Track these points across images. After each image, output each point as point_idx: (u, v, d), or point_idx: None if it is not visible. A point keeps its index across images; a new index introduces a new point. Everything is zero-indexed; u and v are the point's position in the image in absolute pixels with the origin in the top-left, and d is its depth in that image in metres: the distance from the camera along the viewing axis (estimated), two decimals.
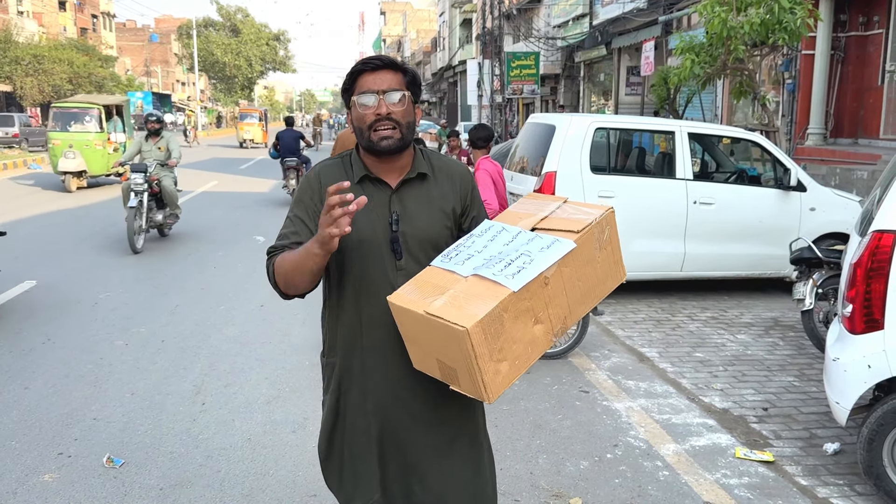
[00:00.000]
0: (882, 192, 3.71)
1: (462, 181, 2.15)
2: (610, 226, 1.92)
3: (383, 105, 1.95)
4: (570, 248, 1.80)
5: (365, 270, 2.01)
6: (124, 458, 3.83)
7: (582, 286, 1.87)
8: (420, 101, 2.10)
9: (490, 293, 1.72)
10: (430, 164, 2.13)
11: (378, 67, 1.98)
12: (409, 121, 2.01)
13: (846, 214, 7.35)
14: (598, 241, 1.89)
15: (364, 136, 1.99)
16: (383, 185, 2.04)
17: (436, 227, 2.06)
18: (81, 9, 56.65)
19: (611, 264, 1.95)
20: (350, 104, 2.03)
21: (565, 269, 1.80)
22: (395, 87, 1.98)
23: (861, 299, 3.49)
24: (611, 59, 21.60)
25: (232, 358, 5.38)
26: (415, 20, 69.65)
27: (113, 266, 8.43)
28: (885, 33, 11.69)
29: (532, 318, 1.78)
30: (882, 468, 3.50)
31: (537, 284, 1.76)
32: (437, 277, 1.85)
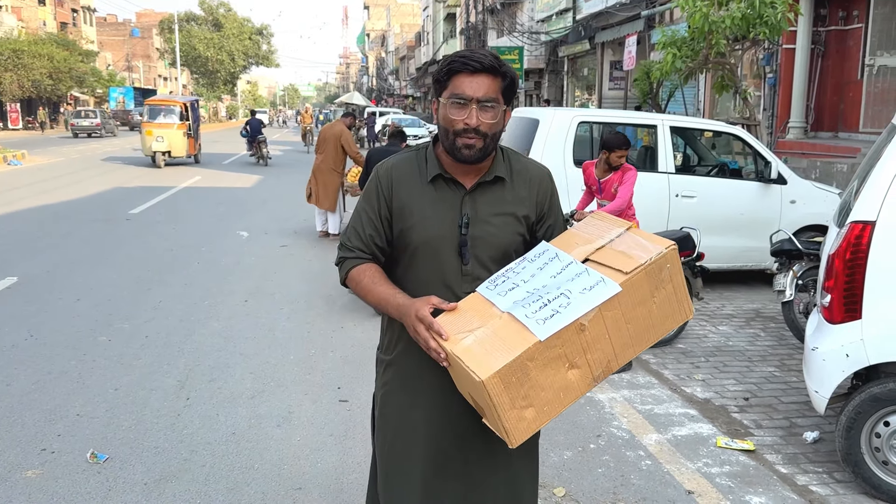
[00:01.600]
0: (860, 183, 3.76)
1: (541, 186, 2.05)
2: (671, 264, 1.79)
3: (474, 116, 1.86)
4: (612, 292, 1.70)
5: (429, 272, 1.97)
6: (108, 453, 3.82)
7: (632, 329, 1.77)
8: (509, 105, 1.99)
9: (516, 340, 1.66)
10: (510, 167, 2.04)
11: (477, 71, 1.87)
12: (497, 131, 1.93)
13: (826, 207, 7.43)
14: (655, 280, 1.77)
15: (447, 139, 1.92)
16: (457, 186, 1.97)
17: (507, 233, 1.99)
18: (61, 3, 56.04)
19: (672, 304, 1.83)
20: (439, 100, 1.95)
21: (608, 313, 1.71)
22: (492, 95, 1.88)
23: (839, 289, 3.54)
24: (594, 53, 21.68)
25: (216, 353, 5.37)
26: (398, 14, 69.51)
27: (96, 262, 8.37)
28: (864, 28, 11.81)
29: (565, 364, 1.70)
30: (860, 455, 3.56)
31: (571, 331, 1.68)
32: (475, 308, 1.80)
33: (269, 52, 66.57)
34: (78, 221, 11.16)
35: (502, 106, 1.92)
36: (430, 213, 1.94)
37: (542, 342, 1.64)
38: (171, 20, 59.89)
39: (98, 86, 51.12)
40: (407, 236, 1.97)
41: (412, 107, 55.33)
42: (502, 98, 1.91)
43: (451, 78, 1.89)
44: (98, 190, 15.25)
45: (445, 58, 1.96)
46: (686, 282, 5.92)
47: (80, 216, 11.70)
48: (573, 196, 6.99)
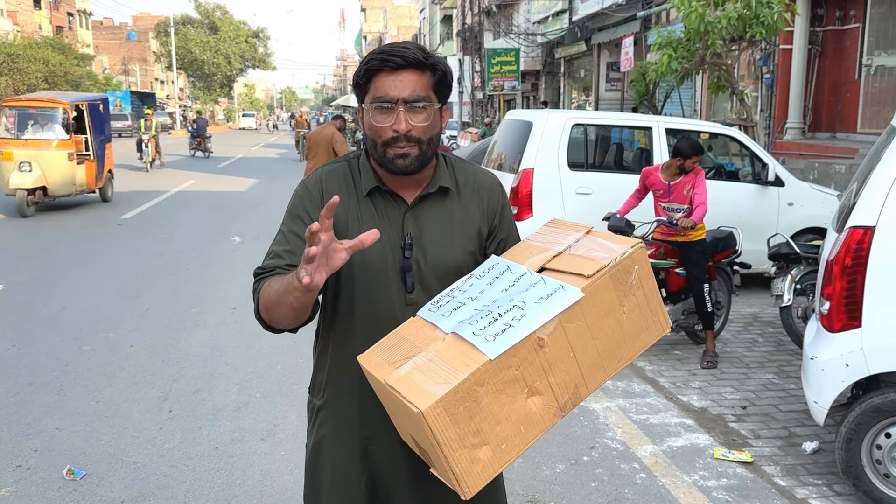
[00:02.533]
0: (859, 186, 3.66)
1: (490, 196, 1.80)
2: (640, 265, 1.53)
3: (403, 119, 1.60)
4: (573, 299, 1.43)
5: (367, 303, 1.69)
6: (86, 469, 3.70)
7: (600, 345, 1.50)
8: (445, 103, 1.71)
9: (463, 361, 1.38)
10: (454, 177, 1.78)
11: (400, 67, 1.61)
12: (433, 135, 1.66)
13: (824, 209, 7.32)
14: (623, 285, 1.50)
15: (377, 151, 1.65)
16: (397, 200, 1.71)
17: (457, 253, 1.73)
18: (57, 7, 55.93)
19: (645, 314, 1.55)
20: (362, 106, 1.68)
21: (571, 326, 1.45)
22: (420, 93, 1.61)
23: (838, 297, 3.43)
24: (590, 54, 21.57)
25: (202, 363, 5.25)
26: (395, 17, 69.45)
27: (84, 268, 8.25)
28: (861, 27, 11.71)
29: (524, 389, 1.42)
30: (861, 468, 3.45)
31: (529, 348, 1.41)
32: (415, 333, 1.54)
33: (265, 54, 66.45)
34: (68, 227, 11.04)
35: (436, 104, 1.65)
36: (368, 230, 1.61)
37: (494, 361, 1.37)
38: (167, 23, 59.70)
39: (94, 89, 50.95)
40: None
41: None
42: (434, 95, 1.65)
43: (372, 79, 1.63)
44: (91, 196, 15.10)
45: (363, 59, 1.68)
46: (726, 276, 5.89)
47: (71, 221, 11.58)
48: (568, 200, 6.89)
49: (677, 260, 5.47)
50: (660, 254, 5.42)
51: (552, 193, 6.90)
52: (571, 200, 6.89)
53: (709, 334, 5.50)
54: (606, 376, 1.53)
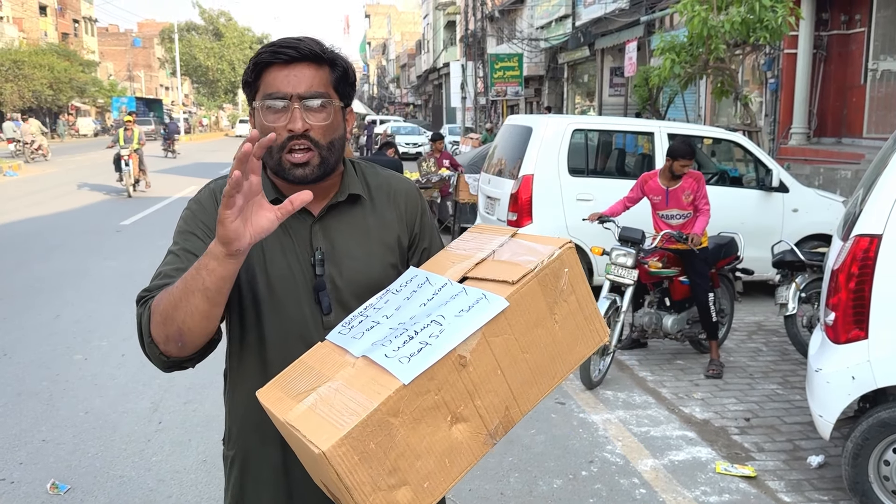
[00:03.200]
0: (865, 193, 3.55)
1: (408, 201, 1.62)
2: (570, 268, 1.36)
3: (298, 118, 1.41)
4: (497, 308, 1.26)
5: (277, 330, 1.48)
6: (71, 483, 3.61)
7: (531, 360, 1.33)
8: (348, 104, 1.53)
9: (372, 389, 1.20)
10: (366, 183, 1.60)
11: (293, 60, 1.42)
12: (335, 138, 1.47)
13: (830, 215, 7.21)
14: (552, 291, 1.34)
15: (272, 159, 1.44)
16: (302, 213, 1.49)
17: (376, 266, 1.54)
18: (63, 14, 56.14)
19: (579, 322, 1.39)
20: (252, 107, 1.47)
21: (497, 340, 1.27)
22: (318, 89, 1.43)
23: (844, 307, 3.32)
24: (594, 59, 21.50)
25: (193, 373, 5.08)
26: (399, 23, 69.54)
27: (80, 275, 8.17)
28: (867, 31, 11.60)
29: (447, 416, 1.24)
30: (868, 484, 3.33)
31: (448, 368, 1.22)
32: (322, 360, 1.34)
33: None
34: (67, 233, 10.97)
35: (337, 102, 1.46)
36: (273, 250, 1.47)
37: (408, 386, 1.18)
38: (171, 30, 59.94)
39: (99, 96, 51.13)
40: (244, 282, 1.47)
41: (413, 114, 55.27)
42: (335, 93, 1.46)
43: (262, 75, 1.44)
44: (91, 201, 15.08)
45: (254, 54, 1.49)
46: (729, 283, 5.77)
47: (71, 228, 11.51)
48: (568, 206, 6.79)
49: (680, 268, 5.36)
50: (664, 262, 5.31)
51: (552, 199, 6.80)
52: (572, 206, 6.78)
53: (713, 344, 5.38)
54: (541, 394, 1.36)
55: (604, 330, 1.43)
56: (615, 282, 5.18)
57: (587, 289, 1.40)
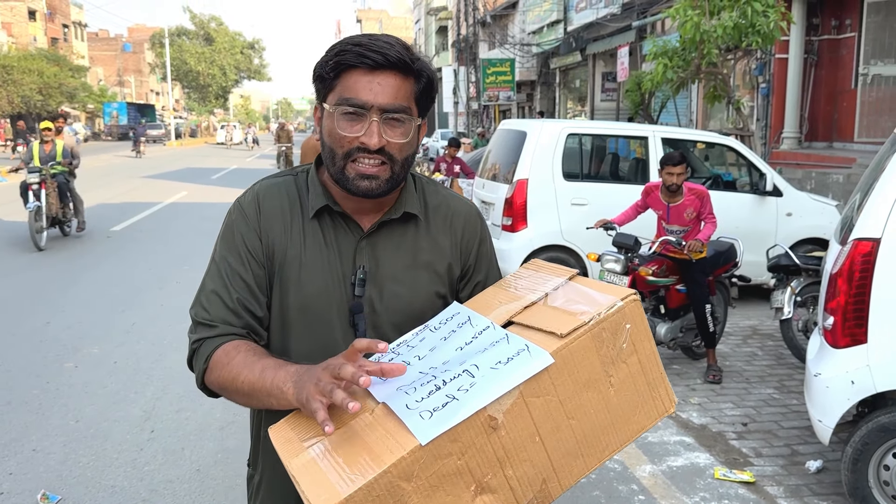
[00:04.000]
0: (862, 197, 3.54)
1: (466, 227, 1.49)
2: (633, 324, 1.19)
3: (375, 132, 1.29)
4: (540, 365, 1.10)
5: (305, 352, 1.37)
6: (61, 493, 3.55)
7: (578, 427, 1.16)
8: (424, 117, 1.40)
9: (385, 445, 1.05)
10: (424, 201, 1.47)
11: (378, 67, 1.29)
12: (409, 154, 1.36)
13: (823, 219, 7.23)
14: (610, 349, 1.17)
15: (335, 164, 1.34)
16: (350, 226, 1.40)
17: (421, 294, 1.41)
18: (52, 19, 55.89)
19: (639, 387, 1.21)
20: (322, 105, 1.36)
21: (537, 401, 1.11)
22: (401, 101, 1.30)
23: (843, 311, 3.31)
24: (586, 64, 21.55)
25: (186, 380, 5.10)
26: (391, 27, 69.58)
27: (71, 281, 8.10)
28: (858, 36, 11.66)
29: (471, 485, 1.08)
30: (868, 489, 3.31)
31: (476, 430, 1.06)
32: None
33: (261, 65, 66.52)
34: (57, 238, 10.87)
35: (416, 119, 1.35)
36: (313, 264, 1.36)
37: (426, 447, 1.02)
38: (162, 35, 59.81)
39: (89, 101, 50.92)
40: (278, 297, 1.39)
41: None
42: (416, 107, 1.35)
43: (341, 76, 1.31)
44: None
45: (331, 47, 1.35)
46: (725, 289, 5.72)
47: (59, 234, 11.40)
48: (563, 212, 6.77)
49: (678, 277, 5.32)
50: (661, 271, 5.26)
51: (547, 204, 6.78)
52: (566, 211, 6.77)
53: (710, 351, 5.36)
54: (587, 469, 1.18)
55: (670, 399, 1.27)
56: None
57: (652, 349, 1.23)
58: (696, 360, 5.67)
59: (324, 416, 1.06)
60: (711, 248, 5.50)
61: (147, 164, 27.66)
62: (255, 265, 1.38)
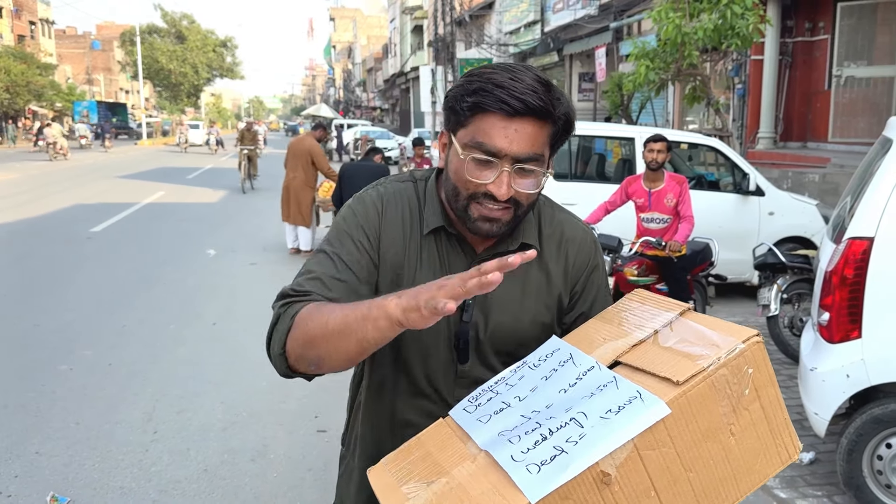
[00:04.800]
0: (854, 200, 3.67)
1: (579, 255, 1.44)
2: (756, 368, 1.12)
3: (505, 183, 1.25)
4: (656, 416, 1.04)
5: (410, 369, 1.39)
6: (70, 495, 3.55)
7: (697, 479, 1.09)
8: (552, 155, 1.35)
9: (492, 502, 1.02)
10: (539, 229, 1.42)
11: (518, 114, 1.23)
12: (534, 198, 1.32)
13: (804, 218, 7.42)
14: (731, 396, 1.10)
15: (458, 202, 1.31)
16: (464, 248, 1.38)
17: (526, 324, 1.39)
18: (18, 15, 54.89)
19: (762, 434, 1.14)
20: (451, 136, 1.32)
21: (652, 454, 1.05)
22: (537, 151, 1.26)
23: (838, 307, 3.43)
24: (562, 65, 21.74)
25: (184, 381, 5.11)
26: (365, 26, 69.42)
27: (55, 283, 8.02)
28: (831, 38, 11.94)
29: None
30: (862, 479, 3.44)
31: (588, 486, 1.01)
32: (441, 444, 1.17)
33: (233, 64, 65.95)
34: (36, 241, 10.74)
35: (547, 168, 1.31)
36: (423, 280, 1.28)
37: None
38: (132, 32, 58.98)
39: (57, 99, 50.09)
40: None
41: (380, 119, 55.19)
42: (549, 151, 1.30)
43: (476, 116, 1.26)
44: (58, 207, 14.77)
45: (469, 77, 1.30)
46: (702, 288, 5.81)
47: (39, 235, 11.27)
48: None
49: (658, 276, 5.43)
50: (642, 270, 5.37)
51: None
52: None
53: None
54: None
55: (794, 446, 1.19)
56: None
57: (776, 394, 1.16)
58: None
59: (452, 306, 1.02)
60: (689, 248, 5.63)
61: (119, 163, 27.30)
62: (367, 260, 1.35)
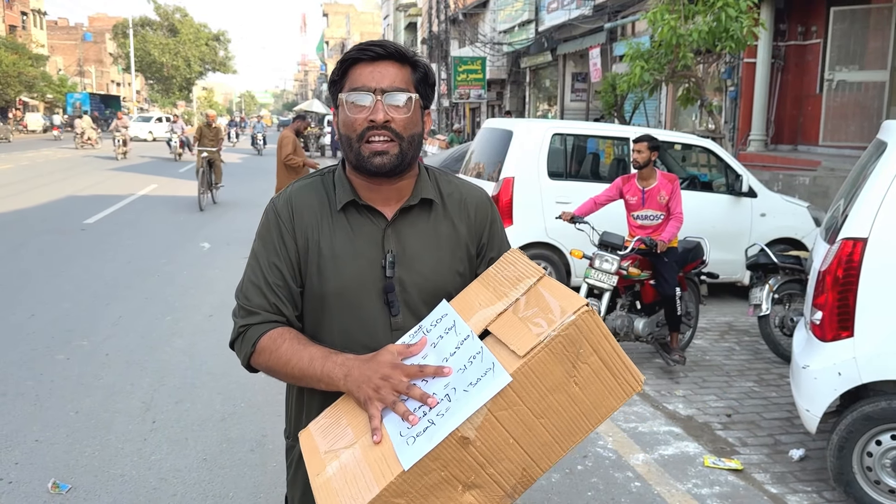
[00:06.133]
0: (847, 202, 3.74)
1: (478, 211, 1.67)
2: (588, 334, 1.30)
3: (380, 109, 1.48)
4: (500, 385, 1.25)
5: (348, 328, 1.54)
6: (71, 482, 3.58)
7: (550, 424, 1.31)
8: (427, 105, 1.62)
9: (379, 469, 1.25)
10: (438, 189, 1.65)
11: (379, 57, 1.52)
12: (414, 133, 1.54)
13: (795, 220, 7.51)
14: (569, 357, 1.29)
15: (352, 149, 1.52)
16: (375, 215, 1.58)
17: (445, 274, 1.58)
18: (10, 6, 54.48)
19: (605, 379, 1.34)
20: (338, 103, 1.56)
21: (505, 413, 1.27)
22: (400, 85, 1.51)
23: (830, 306, 3.50)
24: (556, 65, 21.80)
25: (182, 372, 5.13)
26: (358, 23, 69.31)
27: (50, 274, 8.02)
28: (823, 42, 12.05)
29: (457, 486, 1.27)
30: (852, 475, 3.52)
31: (452, 448, 1.24)
32: (353, 412, 1.41)
33: (226, 58, 65.68)
34: (29, 232, 10.72)
35: (417, 100, 1.55)
36: (345, 253, 1.53)
37: (410, 471, 1.22)
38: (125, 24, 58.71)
39: (48, 91, 49.79)
40: (315, 284, 1.55)
41: None
42: (416, 92, 1.55)
43: (348, 72, 1.54)
44: (50, 198, 14.73)
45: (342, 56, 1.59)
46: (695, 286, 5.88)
47: (32, 226, 11.24)
48: (547, 209, 6.92)
49: (652, 271, 5.50)
50: (635, 265, 5.43)
51: (532, 202, 6.93)
52: (551, 209, 6.90)
53: (674, 335, 5.45)
54: (564, 451, 1.35)
55: (636, 379, 1.38)
56: (594, 286, 5.32)
57: (611, 345, 1.33)
58: (668, 353, 5.54)
59: (377, 424, 1.32)
60: (680, 246, 5.68)
61: (110, 156, 27.14)
62: (288, 260, 1.57)
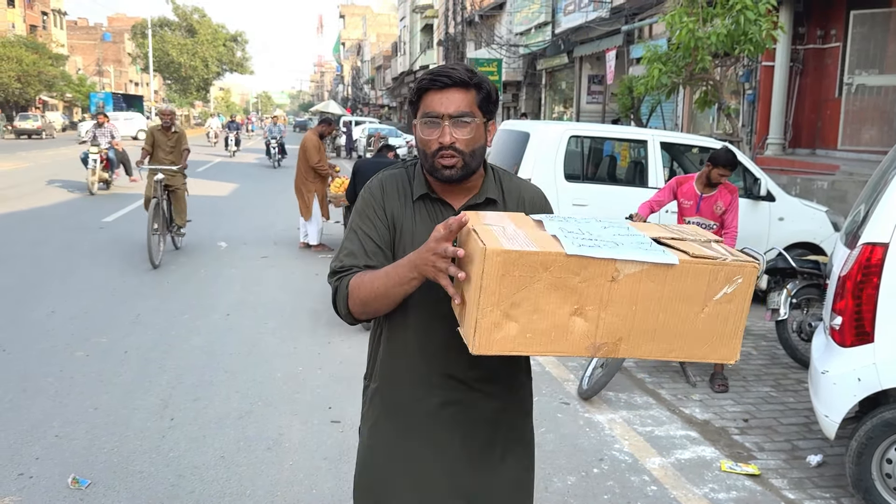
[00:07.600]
0: (868, 207, 3.71)
1: (533, 203, 1.92)
2: (744, 280, 1.45)
3: (447, 133, 1.75)
4: (666, 260, 1.42)
5: (420, 297, 1.78)
6: (90, 478, 3.62)
7: (662, 321, 1.46)
8: (490, 119, 1.85)
9: (542, 244, 1.43)
10: (501, 188, 1.92)
11: (446, 86, 1.77)
12: (476, 147, 1.80)
13: (814, 224, 7.46)
14: (717, 285, 1.45)
15: (427, 161, 1.81)
16: (445, 207, 1.86)
17: None
18: (31, 6, 55.11)
19: (719, 328, 1.48)
20: (414, 123, 1.85)
21: (649, 284, 1.43)
22: (464, 109, 1.76)
23: (850, 312, 3.48)
24: (572, 67, 21.75)
25: (199, 370, 5.17)
26: (375, 24, 69.48)
27: (69, 272, 8.10)
28: (843, 46, 11.96)
29: (575, 304, 1.42)
30: (871, 482, 3.49)
31: (601, 269, 1.40)
32: (519, 219, 1.65)
33: (243, 58, 66.05)
34: (48, 230, 10.83)
35: (479, 119, 1.79)
36: (422, 233, 1.80)
37: (567, 257, 1.39)
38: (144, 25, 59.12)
39: (67, 90, 50.31)
40: (400, 254, 1.82)
41: (388, 116, 55.23)
42: (479, 111, 1.79)
43: (422, 97, 1.80)
44: (68, 197, 14.88)
45: (417, 79, 1.86)
46: None
47: (51, 224, 11.36)
48: (564, 212, 6.91)
49: None
50: None
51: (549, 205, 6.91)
52: (567, 211, 6.91)
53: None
54: (650, 354, 1.49)
55: (734, 351, 1.51)
56: None
57: (745, 309, 1.48)
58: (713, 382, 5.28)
59: (453, 291, 1.53)
60: None
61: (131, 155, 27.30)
62: (383, 230, 1.85)
